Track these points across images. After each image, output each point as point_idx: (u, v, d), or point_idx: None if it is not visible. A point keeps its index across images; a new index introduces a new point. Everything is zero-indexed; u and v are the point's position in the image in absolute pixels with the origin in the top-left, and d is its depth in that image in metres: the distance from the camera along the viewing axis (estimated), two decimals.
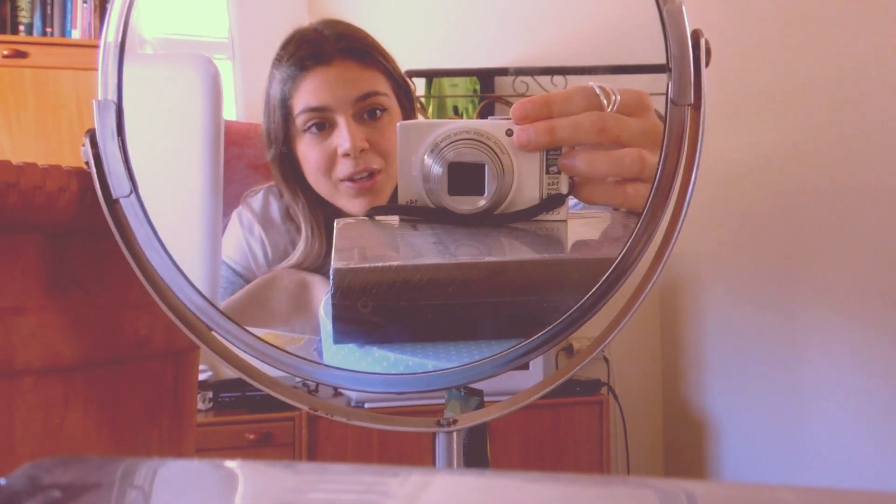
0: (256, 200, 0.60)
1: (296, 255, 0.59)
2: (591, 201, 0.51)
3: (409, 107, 0.59)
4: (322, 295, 0.58)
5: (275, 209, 0.60)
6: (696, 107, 0.43)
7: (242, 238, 0.60)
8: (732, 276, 2.09)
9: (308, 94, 0.57)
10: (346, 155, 0.56)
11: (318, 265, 0.59)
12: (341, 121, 0.56)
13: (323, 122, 0.57)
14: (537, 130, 0.48)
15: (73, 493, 0.18)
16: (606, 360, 2.20)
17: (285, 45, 0.58)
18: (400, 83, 0.59)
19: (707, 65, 0.43)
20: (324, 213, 0.59)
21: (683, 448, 2.32)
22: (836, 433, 1.70)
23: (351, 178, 0.57)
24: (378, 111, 0.58)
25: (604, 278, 0.47)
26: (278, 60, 0.57)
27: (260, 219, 0.60)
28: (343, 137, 0.56)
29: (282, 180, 0.58)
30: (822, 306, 1.74)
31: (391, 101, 0.58)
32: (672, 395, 2.38)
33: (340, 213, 0.58)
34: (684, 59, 0.43)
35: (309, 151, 0.57)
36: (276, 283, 0.59)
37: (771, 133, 1.91)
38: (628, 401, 2.25)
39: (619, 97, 0.47)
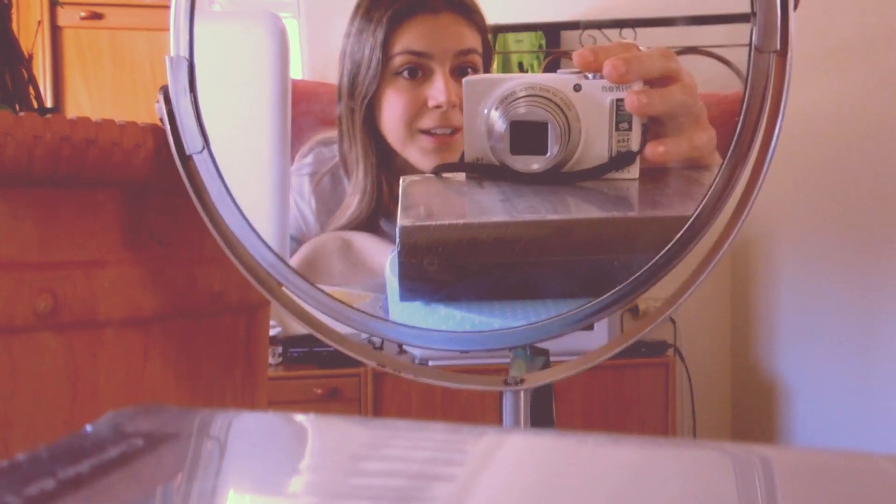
0: (306, 162, 0.60)
1: (347, 213, 0.59)
2: (665, 156, 0.50)
3: (489, 71, 0.58)
4: (367, 251, 0.58)
5: (324, 168, 0.60)
6: (783, 53, 0.41)
7: (293, 201, 0.60)
8: (808, 235, 2.01)
9: (412, 37, 0.56)
10: (438, 107, 0.56)
11: (364, 221, 0.59)
12: (439, 71, 0.56)
13: (418, 69, 0.56)
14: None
15: (153, 441, 0.18)
16: (673, 321, 2.15)
17: None
18: (488, 48, 0.58)
19: (795, 8, 0.40)
20: (385, 172, 0.59)
21: (752, 413, 2.27)
22: None
23: (432, 132, 0.57)
24: (470, 70, 0.57)
25: (677, 237, 0.46)
26: (377, 3, 0.57)
27: (310, 180, 0.60)
28: (439, 89, 0.55)
29: (357, 130, 0.58)
30: None
31: (481, 63, 0.58)
32: (741, 357, 2.33)
33: (402, 171, 0.58)
34: (770, 2, 0.40)
35: (397, 97, 0.57)
36: (324, 249, 0.60)
37: (856, 83, 1.81)
38: (695, 363, 2.21)
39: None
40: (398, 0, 0.56)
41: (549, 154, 0.49)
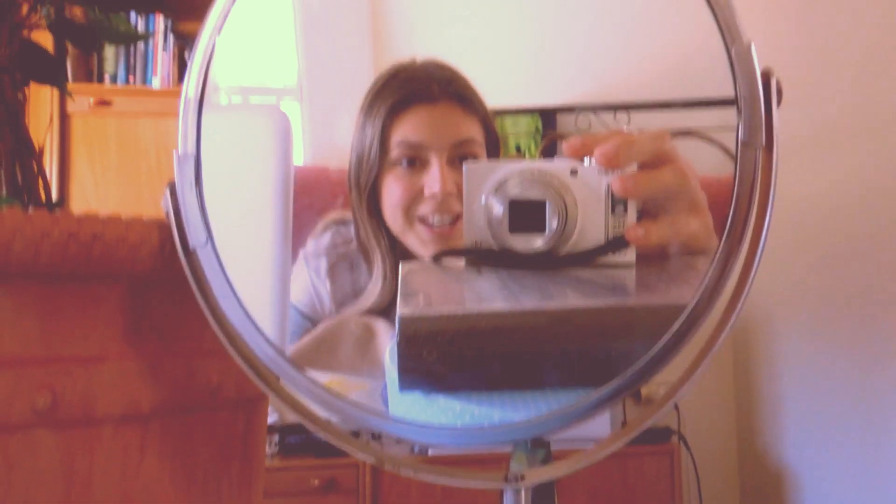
0: (323, 241, 0.60)
1: (371, 299, 0.59)
2: (645, 239, 0.50)
3: (495, 157, 0.59)
4: (388, 340, 0.58)
5: (341, 250, 0.61)
6: (769, 148, 0.42)
7: (308, 280, 0.60)
8: (809, 319, 2.01)
9: (409, 128, 0.58)
10: (434, 196, 0.57)
11: (385, 308, 0.59)
12: (435, 161, 0.57)
13: (416, 159, 0.57)
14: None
15: None
16: (677, 407, 2.12)
17: (390, 79, 0.59)
18: (491, 135, 0.59)
19: (779, 105, 0.42)
20: (398, 255, 0.59)
21: (761, 501, 2.21)
22: None
23: (430, 219, 0.57)
24: (470, 158, 0.58)
25: (675, 327, 0.46)
26: (381, 92, 0.58)
27: (326, 260, 0.60)
28: (434, 179, 0.56)
29: (367, 216, 0.59)
30: None
31: (482, 151, 0.59)
32: (747, 444, 2.28)
33: (407, 255, 0.58)
34: (754, 100, 0.42)
35: (395, 185, 0.58)
36: (344, 329, 0.59)
37: (847, 170, 1.85)
38: (701, 450, 2.17)
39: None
40: (397, 92, 0.58)
41: (547, 231, 0.49)
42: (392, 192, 0.58)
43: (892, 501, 1.68)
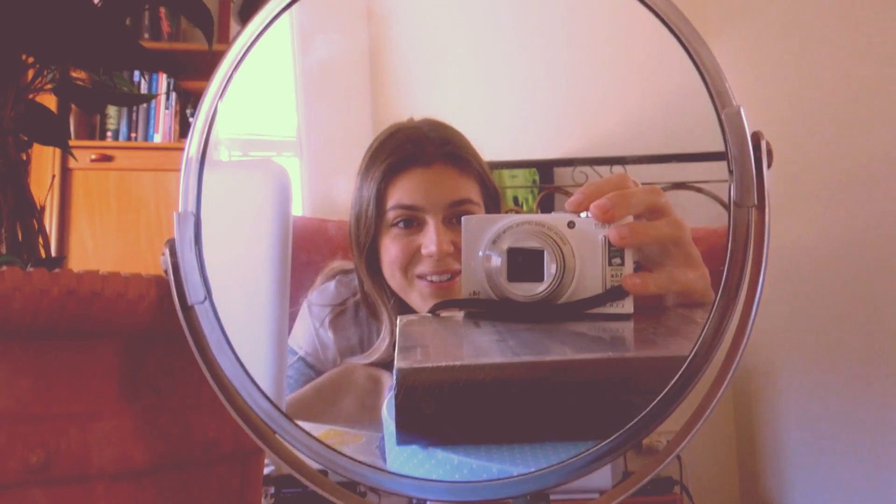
0: (328, 291, 0.61)
1: (378, 352, 0.59)
2: (642, 288, 0.51)
3: (495, 212, 0.60)
4: (386, 387, 0.57)
5: (347, 302, 0.61)
6: (760, 208, 0.43)
7: (312, 329, 0.60)
8: (810, 367, 2.00)
9: (404, 191, 0.58)
10: (431, 256, 0.57)
11: (389, 361, 0.59)
12: (431, 222, 0.57)
13: (413, 220, 0.58)
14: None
15: None
16: (679, 457, 2.09)
17: (386, 141, 0.60)
18: (490, 191, 0.60)
19: (769, 166, 0.43)
20: (404, 310, 0.59)
21: None
22: None
23: (429, 277, 0.58)
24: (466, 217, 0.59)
25: (675, 380, 0.46)
26: (378, 153, 0.59)
27: (331, 310, 0.61)
28: (430, 239, 0.57)
29: (367, 274, 0.59)
30: None
31: (479, 209, 0.59)
32: (750, 493, 2.24)
33: (410, 310, 0.59)
34: (745, 162, 0.43)
35: (392, 245, 0.58)
36: (350, 379, 0.59)
37: (843, 219, 1.86)
38: (704, 500, 2.13)
39: None
40: (393, 154, 0.59)
41: (546, 277, 0.50)
42: (390, 252, 0.59)
43: None
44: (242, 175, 0.63)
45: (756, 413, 2.22)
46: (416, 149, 0.60)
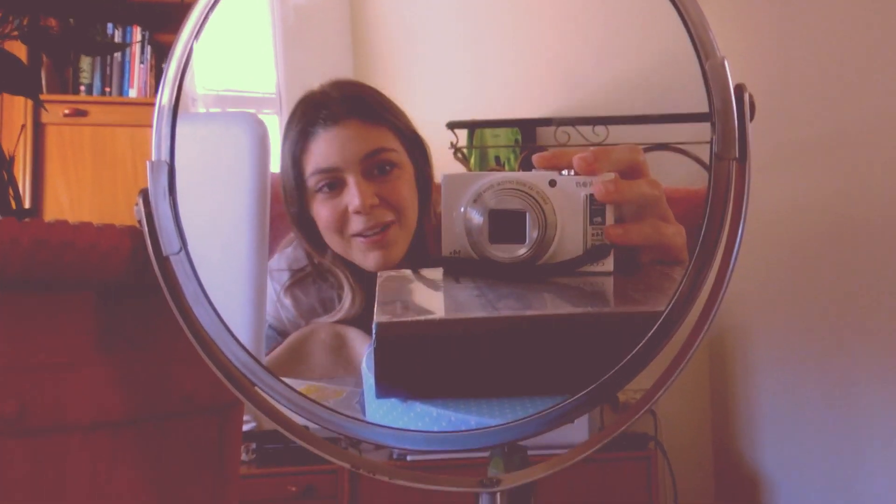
0: (286, 255, 0.61)
1: (342, 311, 0.59)
2: (625, 237, 0.51)
3: (423, 161, 0.60)
4: (359, 347, 0.58)
5: (305, 263, 0.61)
6: (742, 160, 0.43)
7: (274, 294, 0.60)
8: (784, 326, 2.04)
9: (317, 155, 0.58)
10: (358, 212, 0.57)
11: (354, 318, 0.59)
12: (351, 179, 0.57)
13: (334, 182, 0.58)
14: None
15: None
16: (653, 413, 2.14)
17: (295, 110, 0.60)
18: (411, 138, 0.59)
19: (752, 119, 0.43)
20: (352, 268, 0.59)
21: None
22: (895, 491, 1.62)
23: (363, 234, 0.58)
24: (388, 167, 0.59)
25: (650, 334, 0.46)
26: (289, 125, 0.59)
27: (291, 275, 0.60)
28: (353, 195, 0.57)
29: (304, 240, 0.59)
30: (880, 356, 1.68)
31: (401, 157, 0.59)
32: (723, 450, 2.30)
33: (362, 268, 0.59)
34: (728, 114, 0.43)
35: (322, 210, 0.58)
36: (314, 338, 0.60)
37: (822, 180, 1.88)
38: (677, 456, 2.18)
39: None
40: (299, 123, 0.58)
41: (527, 241, 0.50)
42: (322, 218, 0.58)
43: None
44: (220, 126, 0.61)
45: (730, 372, 2.26)
46: (321, 111, 0.59)
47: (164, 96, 0.47)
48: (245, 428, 1.90)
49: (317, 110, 0.59)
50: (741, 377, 2.21)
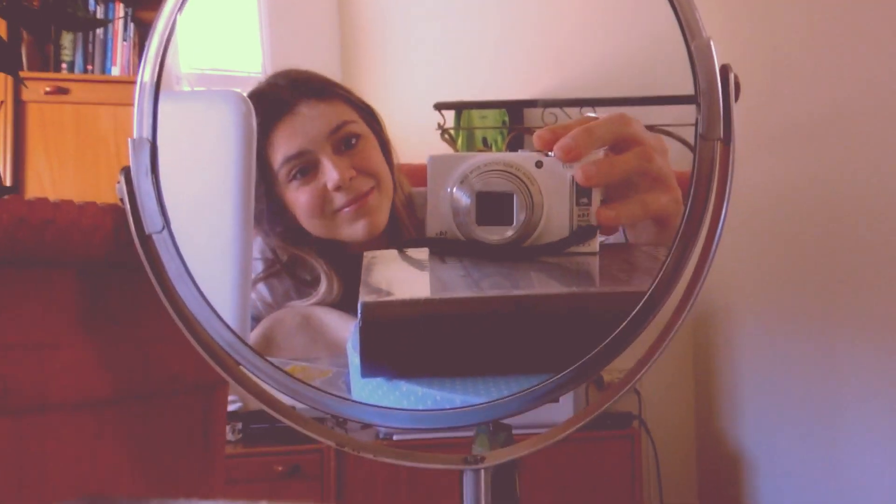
0: (258, 242, 0.60)
1: (319, 294, 0.59)
2: (616, 219, 0.51)
3: (378, 128, 0.60)
4: (329, 322, 0.58)
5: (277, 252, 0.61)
6: (726, 141, 0.43)
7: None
8: (767, 306, 2.06)
9: (283, 144, 0.58)
10: (338, 188, 0.57)
11: (335, 302, 0.59)
12: (323, 158, 0.57)
13: (306, 167, 0.58)
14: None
15: None
16: (638, 392, 2.16)
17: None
18: (364, 108, 0.60)
19: (736, 99, 0.43)
20: (329, 254, 0.59)
21: (718, 483, 2.26)
22: (874, 470, 1.65)
23: (346, 208, 0.58)
24: (353, 138, 0.59)
25: (633, 313, 0.46)
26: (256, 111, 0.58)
27: (262, 262, 0.60)
28: (330, 173, 0.57)
29: (277, 236, 0.59)
30: (861, 338, 1.70)
31: (362, 127, 0.59)
32: (706, 428, 2.33)
33: (336, 248, 0.59)
34: (713, 94, 0.43)
35: (299, 197, 0.58)
36: (282, 326, 0.59)
37: (806, 162, 1.89)
38: (661, 434, 2.21)
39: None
40: (257, 116, 0.58)
41: (514, 223, 0.50)
42: (301, 204, 0.58)
43: (846, 484, 1.73)
44: (204, 104, 0.61)
45: (714, 350, 2.29)
46: (273, 101, 0.59)
47: (147, 72, 0.46)
48: (231, 408, 1.90)
49: (270, 102, 0.59)
50: (724, 358, 2.24)
